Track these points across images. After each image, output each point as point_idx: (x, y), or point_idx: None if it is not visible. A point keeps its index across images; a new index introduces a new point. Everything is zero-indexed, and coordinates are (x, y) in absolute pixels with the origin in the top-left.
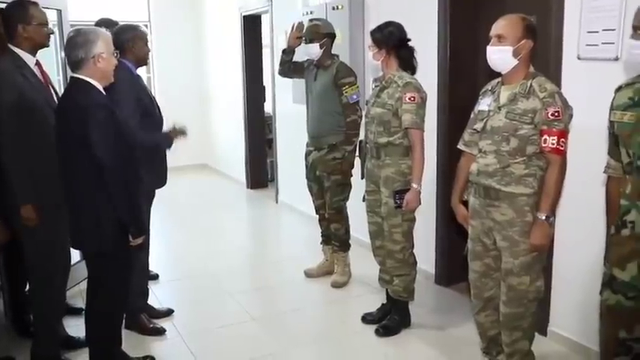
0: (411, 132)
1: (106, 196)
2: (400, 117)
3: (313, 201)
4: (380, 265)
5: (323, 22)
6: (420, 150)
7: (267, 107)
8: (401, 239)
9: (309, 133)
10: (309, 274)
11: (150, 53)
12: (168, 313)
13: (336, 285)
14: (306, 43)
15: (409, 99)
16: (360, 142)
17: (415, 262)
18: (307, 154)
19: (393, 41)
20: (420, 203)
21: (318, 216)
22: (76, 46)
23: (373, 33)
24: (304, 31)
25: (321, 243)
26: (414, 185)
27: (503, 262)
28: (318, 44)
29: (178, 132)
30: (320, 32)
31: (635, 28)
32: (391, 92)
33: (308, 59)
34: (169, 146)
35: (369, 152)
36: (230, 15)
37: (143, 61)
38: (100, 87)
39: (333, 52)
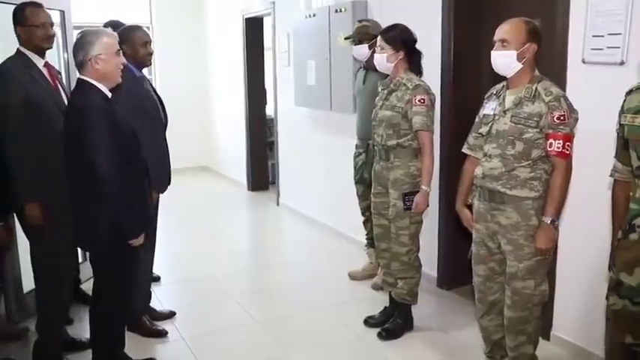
0: (421, 134)
1: (100, 197)
2: (410, 119)
3: (359, 203)
4: (384, 268)
5: (372, 22)
6: (429, 152)
7: (269, 109)
8: (408, 242)
9: (359, 135)
10: (353, 277)
11: (150, 55)
12: (170, 315)
13: (377, 287)
14: (354, 45)
15: (419, 101)
16: (368, 144)
17: (420, 266)
18: (356, 156)
19: (408, 43)
20: (428, 205)
21: (363, 218)
22: (76, 48)
23: (387, 34)
24: (353, 31)
25: (365, 246)
26: (424, 187)
27: (508, 266)
28: (367, 45)
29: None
30: (369, 33)
31: None
32: (400, 95)
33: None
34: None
35: (377, 154)
36: (232, 17)
37: (142, 63)
38: (103, 88)
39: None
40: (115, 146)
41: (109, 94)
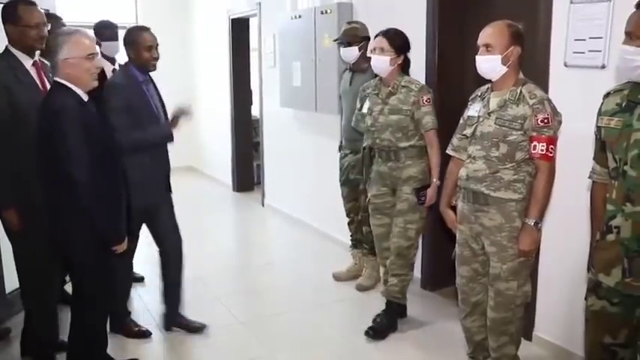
0: (431, 132)
1: (74, 203)
2: (418, 119)
3: (344, 204)
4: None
5: (361, 24)
6: (439, 148)
7: (254, 110)
8: (414, 236)
9: (345, 137)
10: (337, 278)
11: (155, 60)
12: (202, 327)
13: (361, 288)
14: (343, 47)
15: (426, 101)
16: (364, 148)
17: (413, 265)
18: (342, 157)
19: (407, 47)
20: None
21: (348, 219)
22: (49, 50)
23: (392, 39)
24: (341, 34)
25: (350, 247)
26: (434, 180)
27: (491, 267)
28: (356, 47)
29: (179, 115)
30: (358, 35)
31: (627, 34)
32: (403, 97)
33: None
34: (169, 139)
35: (382, 157)
36: (218, 18)
37: (144, 67)
38: (78, 91)
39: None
40: (91, 150)
41: (85, 98)
